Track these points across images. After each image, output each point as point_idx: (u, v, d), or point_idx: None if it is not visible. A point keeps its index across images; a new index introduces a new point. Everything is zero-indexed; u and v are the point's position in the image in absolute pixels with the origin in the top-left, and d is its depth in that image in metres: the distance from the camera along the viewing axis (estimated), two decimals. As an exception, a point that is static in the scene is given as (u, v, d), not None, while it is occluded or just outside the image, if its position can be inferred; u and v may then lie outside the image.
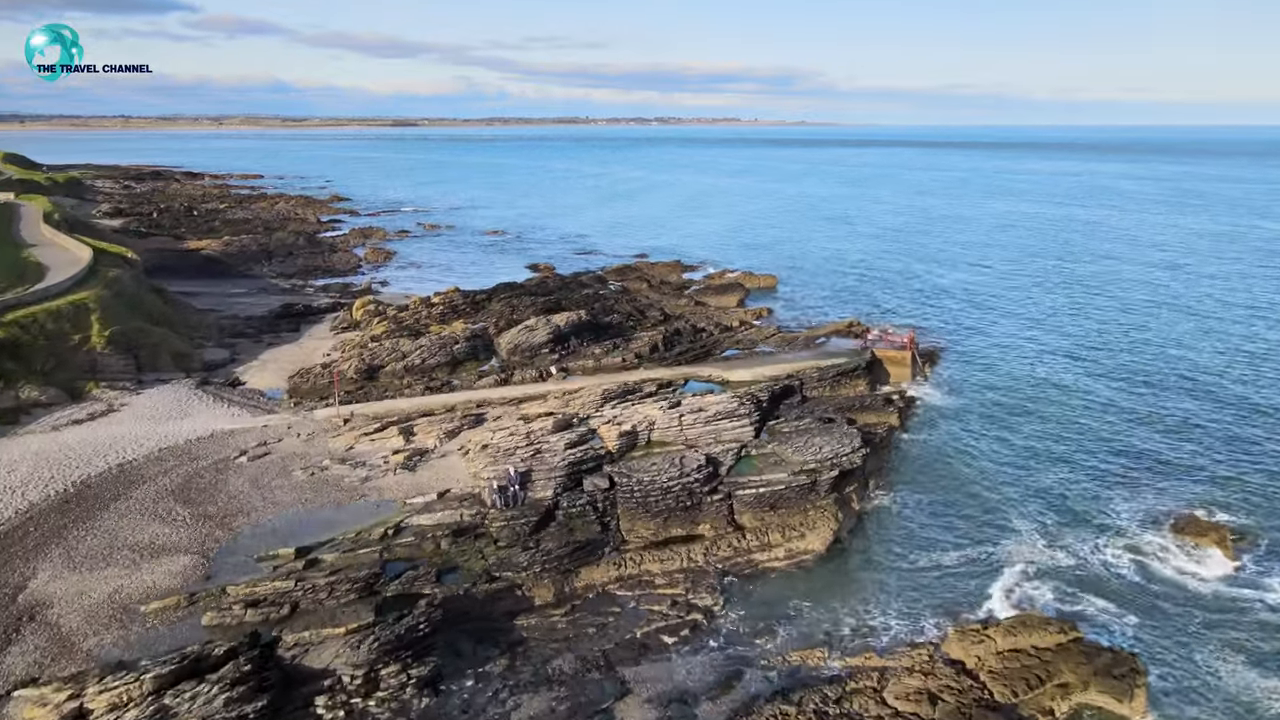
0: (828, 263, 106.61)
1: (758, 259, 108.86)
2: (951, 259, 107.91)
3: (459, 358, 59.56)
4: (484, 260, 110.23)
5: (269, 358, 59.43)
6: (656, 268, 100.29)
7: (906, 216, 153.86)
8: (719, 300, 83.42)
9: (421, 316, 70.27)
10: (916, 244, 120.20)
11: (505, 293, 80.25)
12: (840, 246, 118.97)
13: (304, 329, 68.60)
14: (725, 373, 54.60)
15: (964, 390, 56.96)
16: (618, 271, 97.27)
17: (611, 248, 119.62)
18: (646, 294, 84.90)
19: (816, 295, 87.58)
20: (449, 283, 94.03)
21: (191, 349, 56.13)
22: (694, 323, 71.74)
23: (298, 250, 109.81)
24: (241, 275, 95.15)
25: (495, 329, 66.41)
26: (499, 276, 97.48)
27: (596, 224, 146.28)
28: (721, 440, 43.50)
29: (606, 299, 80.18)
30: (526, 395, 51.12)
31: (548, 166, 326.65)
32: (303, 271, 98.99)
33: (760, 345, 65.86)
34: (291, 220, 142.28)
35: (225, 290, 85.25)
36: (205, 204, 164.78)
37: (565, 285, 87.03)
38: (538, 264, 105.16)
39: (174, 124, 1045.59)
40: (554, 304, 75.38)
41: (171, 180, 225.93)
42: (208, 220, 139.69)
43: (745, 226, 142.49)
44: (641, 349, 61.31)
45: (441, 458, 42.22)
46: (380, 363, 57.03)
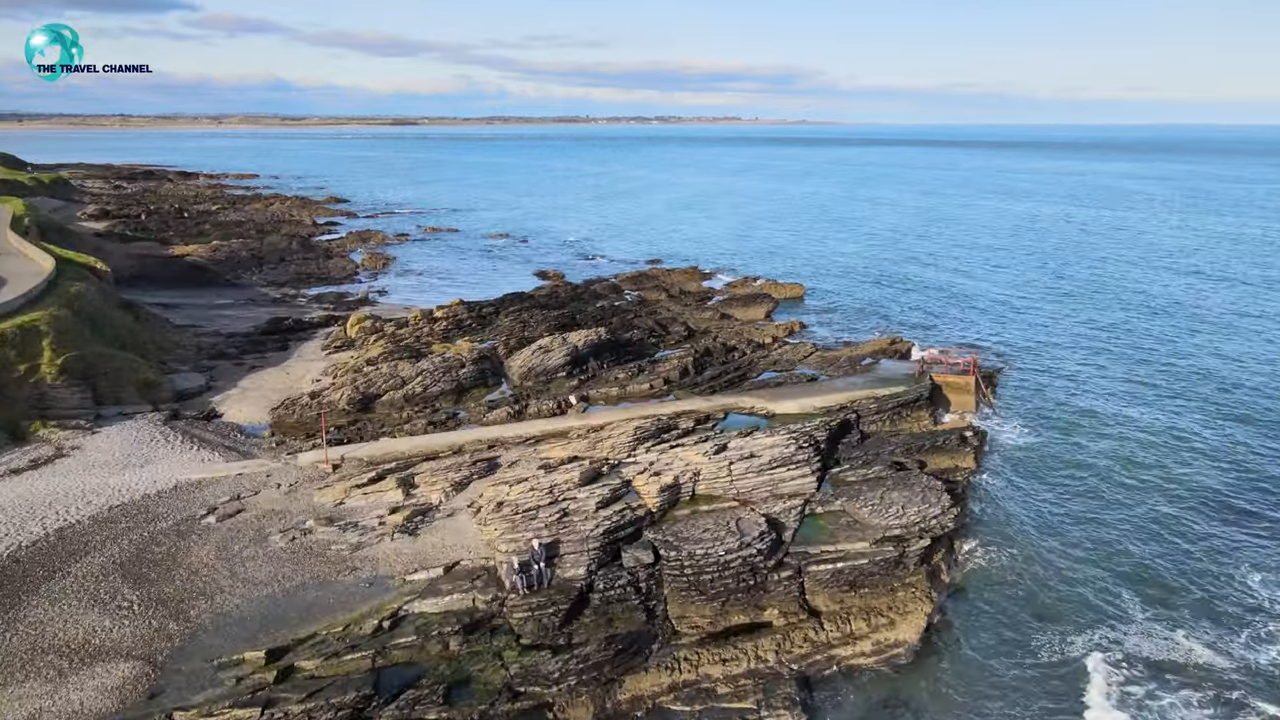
0: (852, 269, 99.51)
1: (777, 265, 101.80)
2: (981, 265, 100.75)
3: (465, 384, 52.40)
4: (488, 267, 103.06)
5: (251, 384, 52.23)
6: (673, 275, 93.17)
7: (923, 218, 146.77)
8: (746, 313, 76.33)
9: (423, 334, 63.10)
10: (940, 248, 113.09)
11: (514, 305, 73.13)
12: (861, 250, 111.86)
13: (293, 348, 61.40)
14: (770, 403, 47.48)
15: (1039, 425, 49.83)
16: (633, 279, 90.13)
17: (621, 252, 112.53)
18: (667, 305, 77.76)
19: (848, 306, 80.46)
20: (451, 292, 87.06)
21: (161, 376, 48.90)
22: (723, 340, 64.64)
23: (290, 255, 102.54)
24: (229, 284, 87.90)
25: (505, 349, 59.26)
26: (505, 285, 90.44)
27: (603, 226, 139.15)
28: (780, 493, 36.45)
29: (624, 312, 73.05)
30: (545, 432, 43.99)
31: (550, 166, 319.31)
32: (295, 279, 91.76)
33: (799, 367, 58.77)
34: (285, 223, 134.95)
35: (209, 301, 78.03)
36: (197, 205, 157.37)
37: (578, 296, 79.91)
38: (546, 271, 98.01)
39: (173, 123, 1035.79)
40: (568, 319, 68.24)
41: (164, 180, 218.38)
42: (198, 223, 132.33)
43: (757, 229, 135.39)
44: (670, 373, 54.18)
45: (448, 516, 35.09)
46: (377, 391, 49.86)
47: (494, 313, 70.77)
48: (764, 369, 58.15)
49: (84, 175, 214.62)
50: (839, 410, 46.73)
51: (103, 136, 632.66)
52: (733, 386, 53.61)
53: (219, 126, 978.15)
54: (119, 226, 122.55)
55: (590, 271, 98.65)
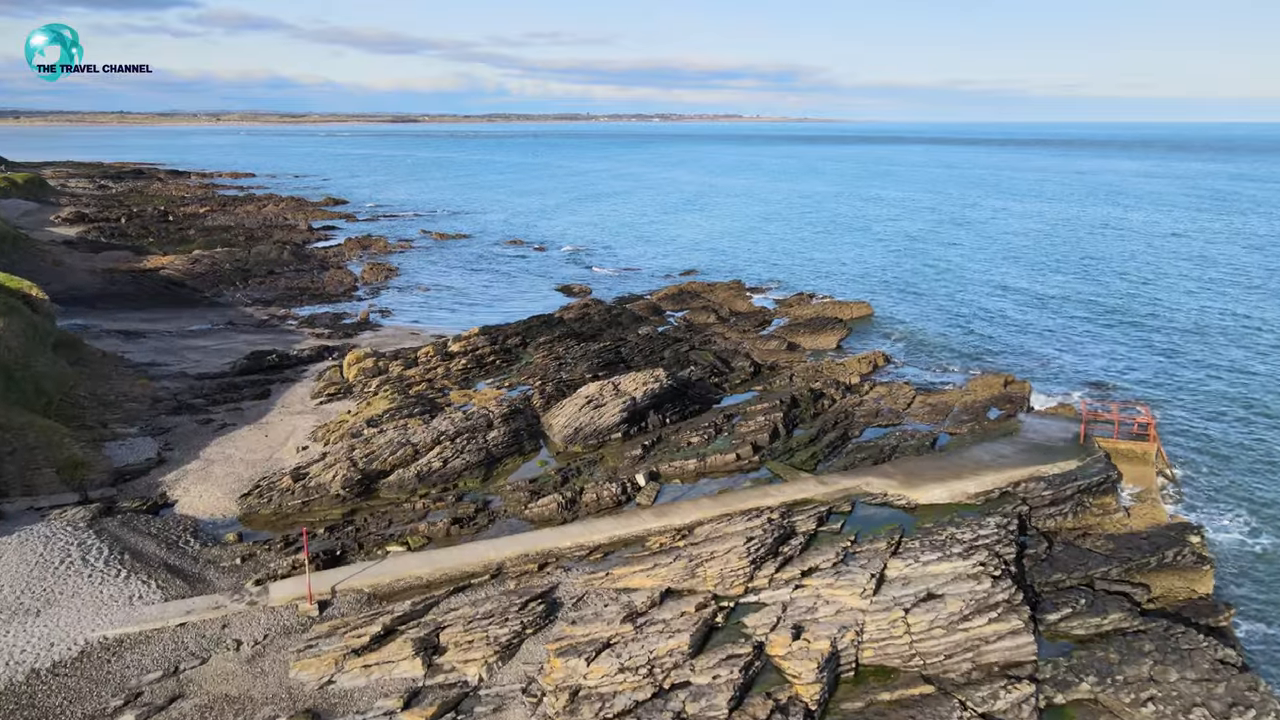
0: (915, 282, 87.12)
1: (827, 277, 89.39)
2: (1036, 276, 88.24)
3: (496, 453, 39.92)
4: (504, 280, 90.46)
5: (218, 452, 39.65)
6: (716, 290, 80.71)
7: (948, 220, 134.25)
8: (815, 340, 63.92)
9: (437, 375, 50.56)
10: (985, 256, 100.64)
11: (542, 333, 60.66)
12: (915, 258, 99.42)
13: (276, 394, 48.81)
14: (906, 489, 35.05)
15: (1254, 512, 37.42)
16: (672, 297, 77.64)
17: (648, 262, 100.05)
18: (721, 332, 65.29)
19: (929, 331, 68.04)
20: (464, 312, 74.61)
21: (94, 453, 36.28)
22: (802, 379, 52.22)
23: (281, 267, 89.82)
24: (208, 303, 75.22)
25: (541, 397, 46.74)
26: (526, 303, 77.98)
27: (623, 231, 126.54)
28: (985, 663, 24.08)
29: (674, 341, 60.61)
30: (615, 539, 31.54)
31: (556, 164, 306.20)
32: (285, 296, 79.09)
33: (907, 419, 46.47)
34: (278, 227, 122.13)
35: (182, 327, 65.39)
36: (184, 207, 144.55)
37: (615, 320, 67.42)
38: (570, 285, 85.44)
39: (172, 120, 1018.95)
40: (611, 353, 55.75)
41: (154, 179, 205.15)
42: (182, 228, 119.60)
43: (789, 233, 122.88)
44: (757, 435, 41.71)
45: (496, 711, 22.63)
46: (381, 467, 37.33)
47: (520, 344, 58.26)
48: (863, 422, 45.80)
49: (68, 174, 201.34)
50: (1001, 498, 34.38)
51: (99, 134, 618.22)
52: (836, 451, 41.24)
53: (218, 124, 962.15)
54: (93, 232, 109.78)
55: (619, 286, 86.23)
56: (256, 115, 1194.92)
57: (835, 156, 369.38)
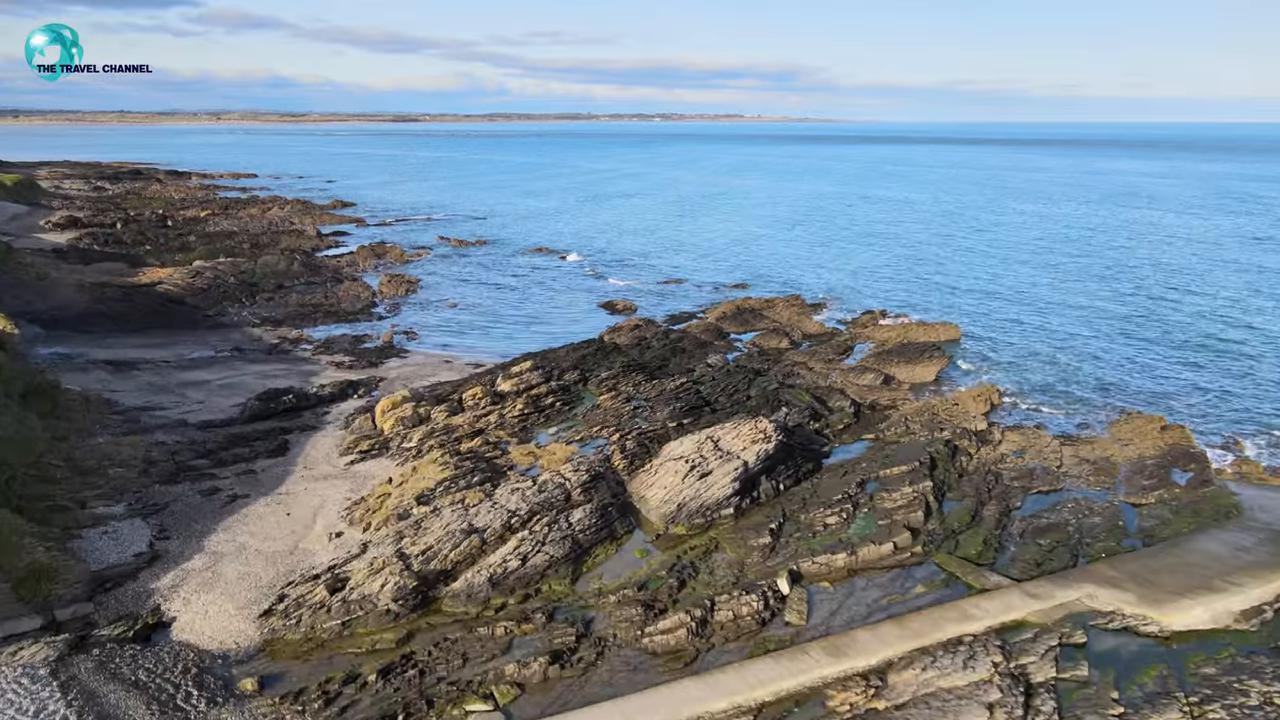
0: (989, 295, 78.25)
1: (886, 290, 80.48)
2: (1127, 281, 79.39)
3: (583, 540, 30.92)
4: (537, 294, 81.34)
5: (226, 542, 30.61)
6: (776, 308, 71.83)
7: (1001, 227, 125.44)
8: (911, 371, 55.01)
9: (489, 424, 41.55)
10: (1064, 264, 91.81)
11: (601, 364, 51.67)
12: (971, 267, 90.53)
13: (296, 448, 39.77)
14: (1149, 606, 26.13)
15: None
16: (731, 316, 68.69)
17: (688, 272, 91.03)
18: (801, 361, 56.33)
19: (1027, 357, 59.15)
20: (498, 334, 65.69)
21: (59, 554, 27.15)
22: (928, 427, 43.35)
23: (291, 280, 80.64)
24: (211, 324, 66.05)
25: (622, 454, 37.72)
26: (568, 323, 69.07)
27: (649, 236, 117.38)
28: None
29: (753, 372, 51.64)
30: (782, 694, 22.61)
31: (563, 164, 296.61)
32: (296, 314, 69.94)
33: (1066, 481, 37.68)
34: (285, 233, 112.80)
35: (181, 355, 56.22)
36: (184, 210, 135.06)
37: (676, 345, 58.45)
38: (613, 301, 76.36)
39: (172, 119, 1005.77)
40: (689, 392, 46.77)
41: (153, 180, 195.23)
42: (182, 234, 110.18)
43: (824, 238, 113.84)
44: (908, 513, 32.78)
45: None
46: (442, 566, 28.29)
47: (579, 379, 49.20)
48: (1019, 486, 36.95)
49: (63, 175, 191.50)
50: (1278, 617, 25.58)
51: (99, 133, 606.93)
52: (1007, 534, 32.33)
53: (218, 123, 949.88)
54: (85, 240, 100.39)
55: (663, 301, 77.27)
56: (257, 115, 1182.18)
57: (842, 157, 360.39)
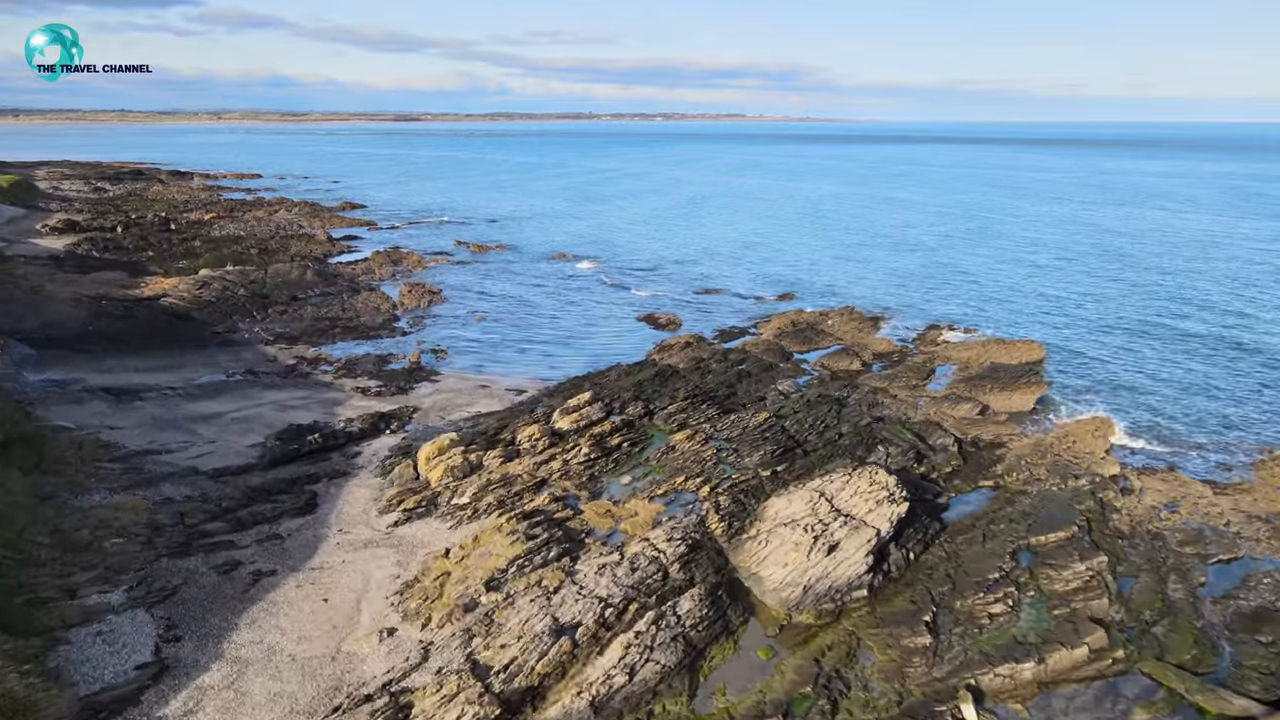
0: (1056, 308, 72.09)
1: (940, 297, 74.36)
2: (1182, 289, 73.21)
3: (695, 639, 24.71)
4: (569, 305, 75.05)
5: (251, 644, 24.31)
6: (832, 321, 65.78)
7: (1043, 229, 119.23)
8: (1006, 399, 48.81)
9: (552, 473, 35.33)
10: (1117, 271, 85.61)
11: (664, 393, 45.47)
12: (1028, 274, 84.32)
13: (326, 503, 33.54)
14: None
15: None
16: (788, 332, 62.52)
17: (726, 281, 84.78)
18: (881, 386, 50.12)
19: (1136, 386, 52.89)
20: (535, 352, 59.54)
21: (47, 683, 20.90)
22: (1056, 473, 37.19)
23: (305, 290, 74.34)
24: (220, 341, 59.75)
25: (717, 515, 31.50)
26: (610, 339, 62.91)
27: (676, 241, 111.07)
28: None
29: (840, 405, 45.42)
30: None
31: (569, 164, 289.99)
32: (313, 330, 63.66)
33: (1243, 546, 31.55)
34: (294, 237, 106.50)
35: (189, 379, 49.94)
36: (188, 213, 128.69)
37: (738, 367, 52.23)
38: (655, 315, 70.09)
39: (173, 119, 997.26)
40: (777, 431, 40.55)
41: (155, 180, 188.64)
42: (186, 239, 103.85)
43: (860, 241, 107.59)
44: (1087, 599, 26.58)
45: None
46: (529, 682, 22.07)
47: (643, 412, 42.95)
48: (1192, 555, 30.79)
49: (62, 175, 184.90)
50: None
51: (99, 132, 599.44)
52: (1206, 625, 26.24)
53: (219, 122, 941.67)
54: (84, 245, 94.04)
55: (707, 313, 71.12)
56: (258, 114, 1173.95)
57: (849, 156, 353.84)
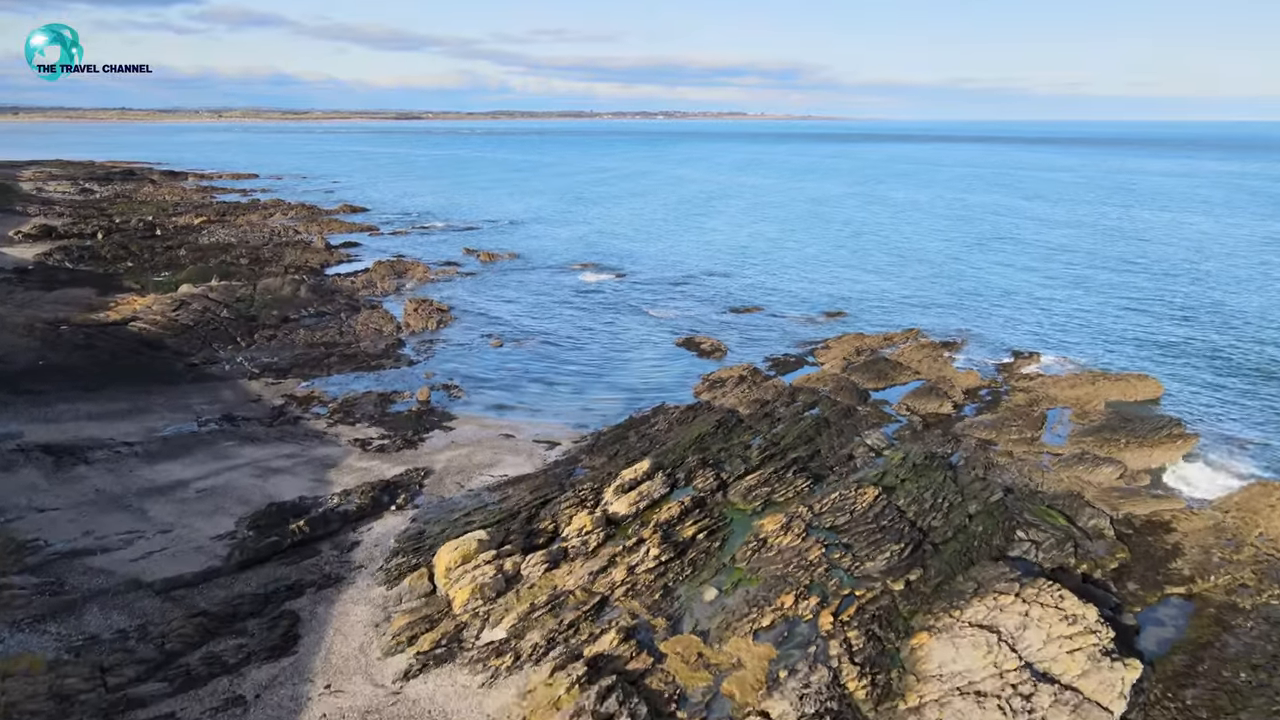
0: (1146, 331, 63.18)
1: (1008, 314, 65.41)
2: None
3: None
4: (595, 326, 66.02)
5: None
6: (900, 349, 56.97)
7: (1088, 234, 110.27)
8: (1143, 456, 39.87)
9: (613, 587, 26.37)
10: (1222, 291, 76.62)
11: (733, 453, 36.50)
12: (1097, 288, 75.36)
13: (311, 634, 24.57)
14: None
15: None
16: (855, 364, 53.58)
17: (764, 295, 75.82)
18: (985, 438, 41.15)
19: (1257, 424, 44.17)
20: (564, 388, 50.64)
21: None
22: (1269, 576, 28.33)
23: (298, 309, 65.29)
24: (196, 376, 50.69)
25: (855, 668, 22.53)
26: (648, 370, 54.04)
27: (704, 248, 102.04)
28: None
29: (953, 471, 36.50)
30: None
31: (574, 163, 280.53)
32: (305, 360, 54.62)
33: None
34: (289, 245, 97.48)
35: (151, 429, 40.92)
36: (177, 216, 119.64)
37: (811, 414, 43.27)
38: (696, 339, 61.05)
39: (173, 117, 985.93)
40: (896, 516, 31.53)
41: (146, 181, 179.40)
42: (171, 246, 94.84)
43: (897, 248, 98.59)
44: None
45: None
46: None
47: (715, 484, 33.95)
48: None
49: (50, 176, 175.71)
50: None
51: (98, 130, 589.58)
52: None
53: (219, 120, 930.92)
54: (56, 255, 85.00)
55: (754, 337, 62.24)
56: (259, 112, 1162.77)
57: (859, 155, 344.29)
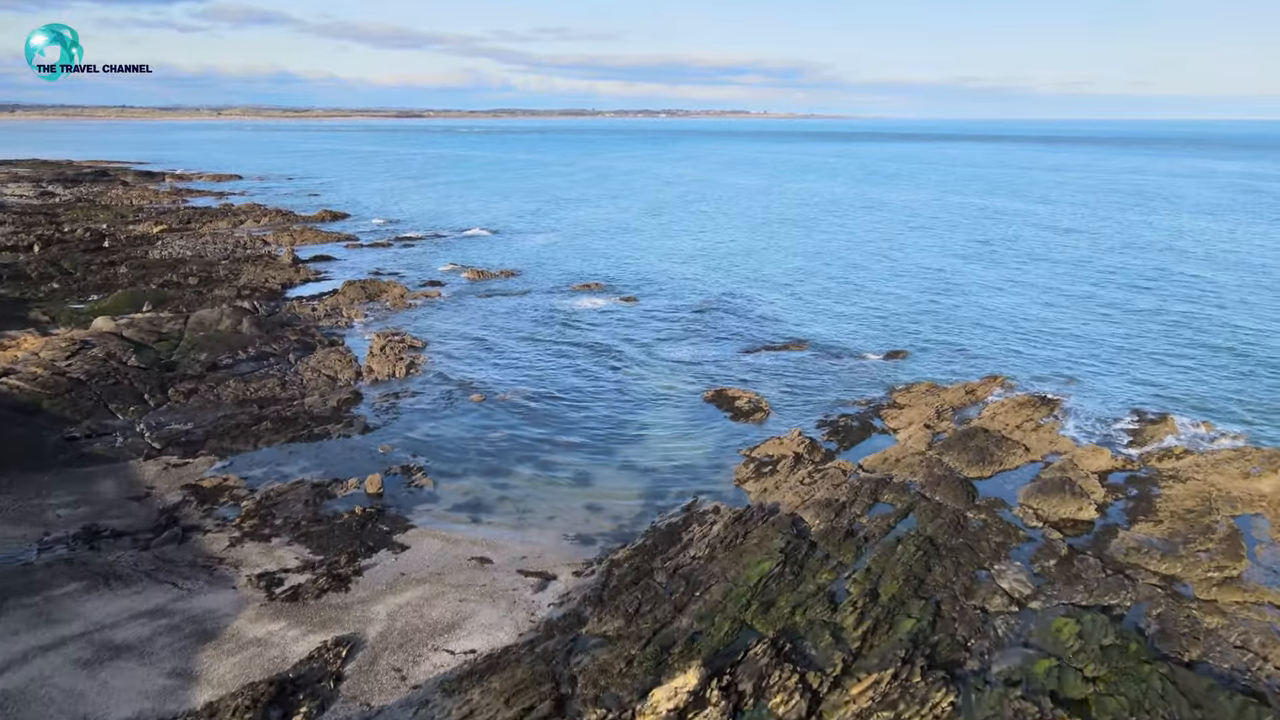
0: None
1: (1103, 355, 52.38)
2: None
3: None
4: (607, 374, 52.84)
5: None
6: (993, 411, 44.12)
7: (1152, 250, 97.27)
8: None
9: None
10: None
11: (813, 625, 23.45)
12: (1202, 316, 62.47)
13: None
14: None
15: None
16: (952, 441, 40.69)
17: (801, 325, 62.90)
18: (1176, 577, 28.12)
19: None
20: (569, 473, 37.38)
21: None
22: None
23: (234, 350, 52.30)
24: (71, 457, 37.77)
25: None
26: (675, 441, 41.11)
27: (722, 264, 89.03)
28: None
29: (1161, 660, 23.58)
30: None
31: (578, 163, 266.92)
32: (228, 428, 41.63)
33: None
34: (251, 260, 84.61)
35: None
36: (135, 225, 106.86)
37: (907, 528, 30.35)
38: (729, 393, 47.89)
39: (173, 114, 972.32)
40: None
41: (118, 181, 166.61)
42: (114, 261, 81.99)
43: (942, 269, 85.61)
44: None
45: None
46: None
47: (805, 701, 20.97)
48: None
49: (13, 177, 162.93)
50: None
51: (93, 128, 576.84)
52: None
53: (218, 118, 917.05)
54: (-30, 274, 72.17)
55: (806, 389, 49.33)
56: (259, 110, 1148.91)
57: (867, 155, 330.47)
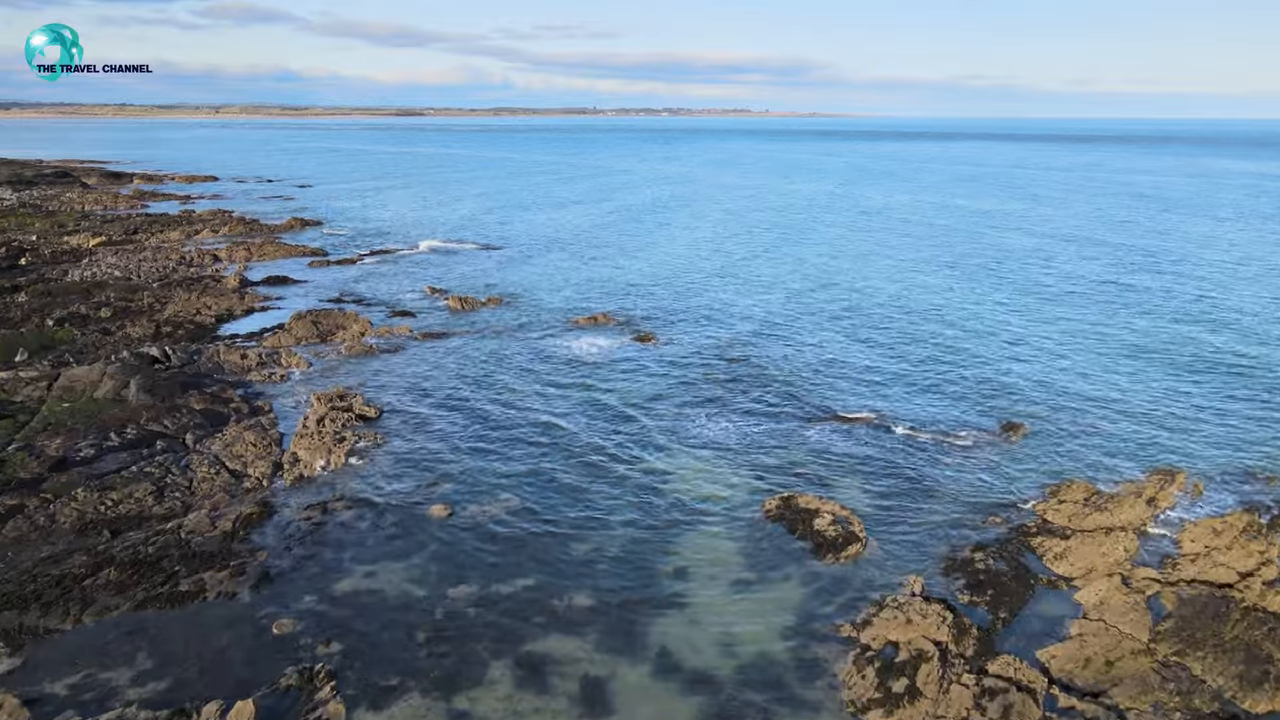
0: None
1: (1197, 415, 37.46)
2: None
3: None
4: (616, 471, 37.86)
5: None
6: (1194, 534, 29.10)
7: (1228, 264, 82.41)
8: None
9: None
10: None
11: None
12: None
13: None
14: None
15: None
16: (1156, 586, 25.80)
17: (871, 384, 47.88)
18: None
19: None
20: (576, 682, 21.43)
21: None
22: None
23: (101, 433, 37.43)
24: None
25: None
26: (730, 610, 25.46)
27: (752, 290, 74.12)
28: None
29: None
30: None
31: (580, 163, 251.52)
32: (42, 587, 26.74)
33: None
34: (192, 283, 69.75)
35: None
36: (70, 236, 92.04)
37: None
38: (799, 500, 32.68)
39: (172, 112, 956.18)
40: None
41: (78, 183, 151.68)
42: (25, 284, 67.11)
43: (1010, 303, 70.80)
44: None
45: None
46: None
47: None
48: None
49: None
50: None
51: (86, 127, 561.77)
52: None
53: (216, 116, 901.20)
54: None
55: (895, 493, 34.44)
56: (259, 108, 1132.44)
57: (887, 154, 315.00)
